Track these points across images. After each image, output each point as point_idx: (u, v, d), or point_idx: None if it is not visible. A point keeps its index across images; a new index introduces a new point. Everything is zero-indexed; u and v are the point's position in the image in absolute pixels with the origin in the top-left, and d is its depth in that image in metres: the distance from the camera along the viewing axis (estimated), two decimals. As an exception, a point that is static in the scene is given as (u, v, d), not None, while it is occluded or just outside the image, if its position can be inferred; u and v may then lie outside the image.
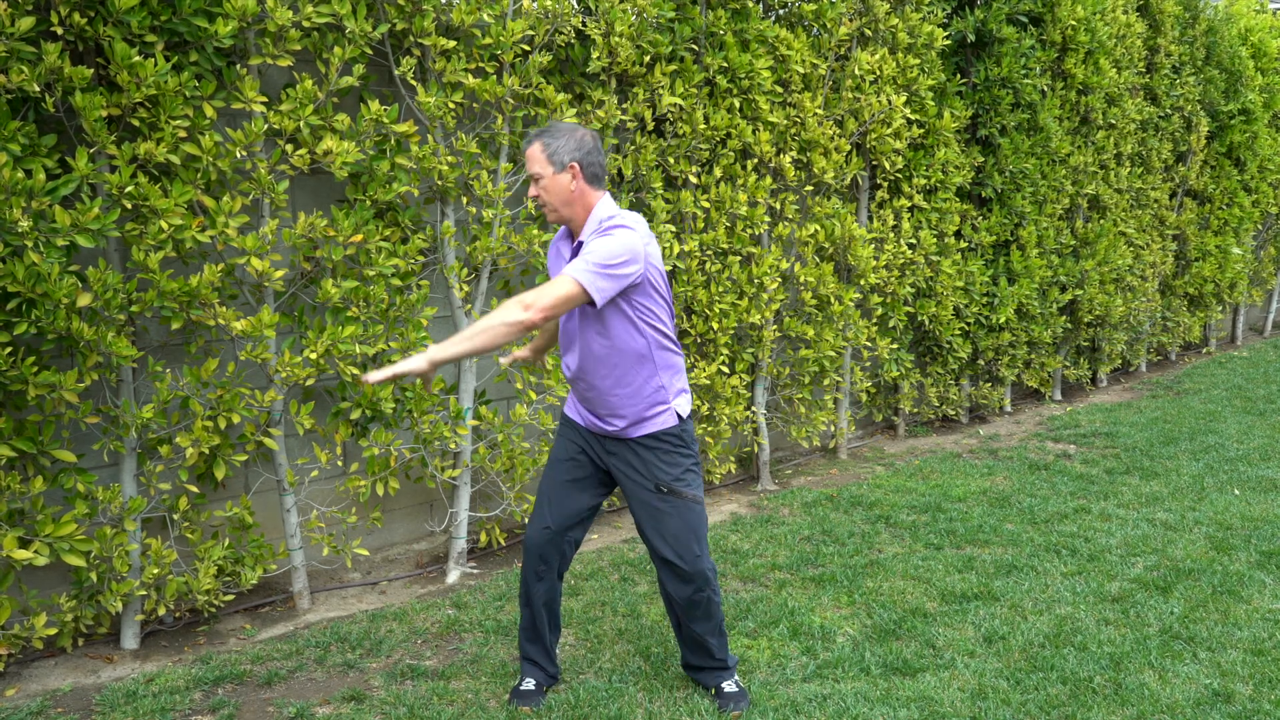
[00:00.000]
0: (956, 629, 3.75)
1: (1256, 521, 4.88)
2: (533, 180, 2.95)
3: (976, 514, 5.04)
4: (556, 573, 3.22)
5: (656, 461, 3.06)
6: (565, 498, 3.18)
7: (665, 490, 3.06)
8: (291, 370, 3.79)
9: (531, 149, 2.94)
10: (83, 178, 3.30)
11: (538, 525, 3.19)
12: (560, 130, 2.94)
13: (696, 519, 3.09)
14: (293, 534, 4.04)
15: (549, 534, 3.17)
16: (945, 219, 6.40)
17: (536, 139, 2.94)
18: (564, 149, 2.91)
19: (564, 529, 3.18)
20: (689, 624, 3.18)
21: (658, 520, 3.07)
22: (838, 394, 6.14)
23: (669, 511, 3.06)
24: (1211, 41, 8.65)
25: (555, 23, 4.29)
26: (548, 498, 3.20)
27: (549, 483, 3.22)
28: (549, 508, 3.19)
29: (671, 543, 3.07)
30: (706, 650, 3.23)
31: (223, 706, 3.25)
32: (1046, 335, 7.21)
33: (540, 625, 3.26)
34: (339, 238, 3.86)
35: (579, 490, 3.19)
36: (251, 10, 3.51)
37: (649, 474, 3.07)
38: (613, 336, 2.96)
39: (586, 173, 2.93)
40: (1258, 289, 10.64)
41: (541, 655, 3.28)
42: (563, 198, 2.93)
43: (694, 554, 3.07)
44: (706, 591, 3.12)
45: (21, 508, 3.37)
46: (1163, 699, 3.23)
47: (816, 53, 5.55)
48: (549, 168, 2.91)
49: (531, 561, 3.20)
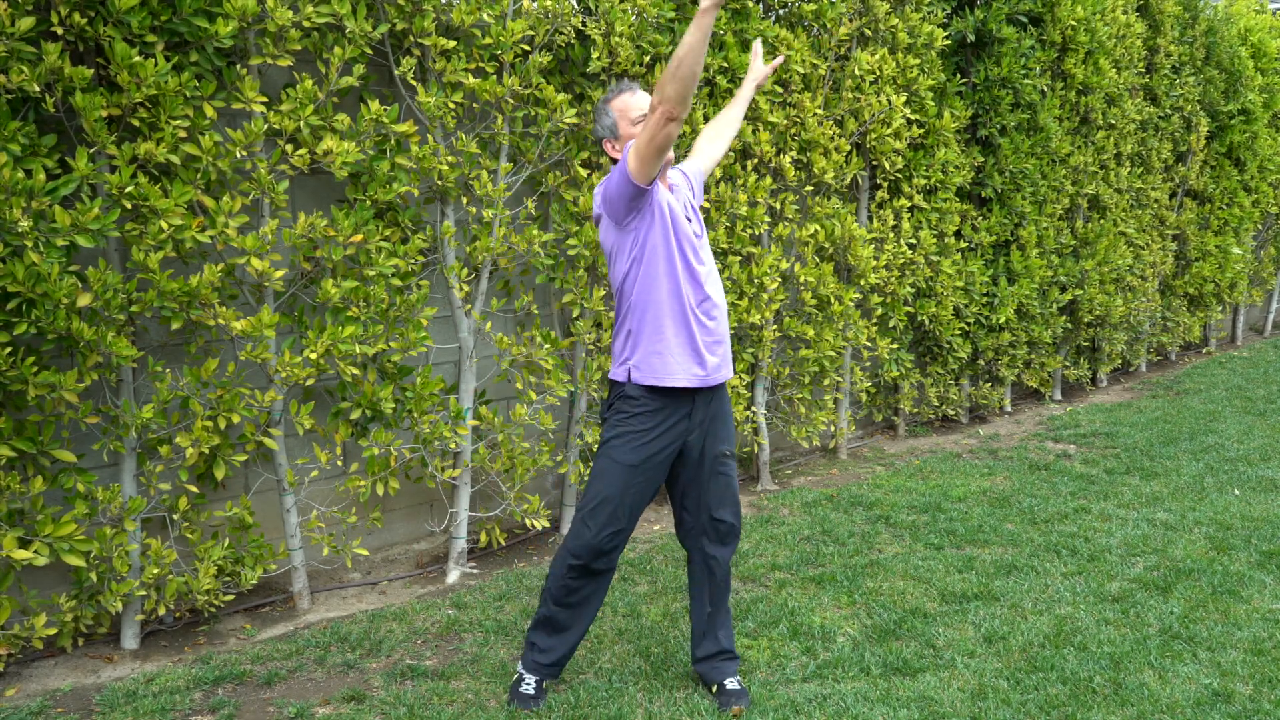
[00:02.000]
0: (956, 629, 3.75)
1: (1256, 521, 4.88)
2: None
3: (976, 514, 5.04)
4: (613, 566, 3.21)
5: (731, 417, 3.17)
6: (643, 498, 3.08)
7: (730, 455, 3.15)
8: (291, 370, 3.79)
9: (646, 94, 3.09)
10: (83, 178, 3.31)
11: (611, 528, 3.04)
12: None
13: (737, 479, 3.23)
14: (293, 534, 4.04)
15: (623, 536, 3.08)
16: (945, 219, 6.40)
17: (639, 88, 3.09)
18: None
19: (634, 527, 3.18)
20: (725, 595, 3.24)
21: (728, 486, 3.16)
22: (838, 394, 6.14)
23: (733, 475, 3.17)
24: (1211, 42, 8.65)
25: (555, 23, 4.29)
26: (629, 503, 3.05)
27: (635, 488, 3.04)
28: (631, 512, 3.06)
29: (733, 505, 3.17)
30: (729, 627, 3.29)
31: (223, 706, 3.25)
32: (1046, 335, 7.22)
33: (582, 624, 3.23)
34: (339, 238, 3.86)
35: (657, 484, 3.13)
36: (251, 10, 3.52)
37: (729, 432, 3.14)
38: (621, 261, 3.02)
39: None
40: (1258, 289, 10.64)
41: (565, 660, 3.25)
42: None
43: (739, 511, 3.22)
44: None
45: (21, 508, 3.37)
46: (1163, 699, 3.23)
47: (816, 53, 5.55)
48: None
49: (602, 569, 3.10)
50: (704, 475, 3.13)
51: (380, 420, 4.16)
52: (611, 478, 3.03)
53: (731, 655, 3.28)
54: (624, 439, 3.04)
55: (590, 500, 3.06)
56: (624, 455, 3.03)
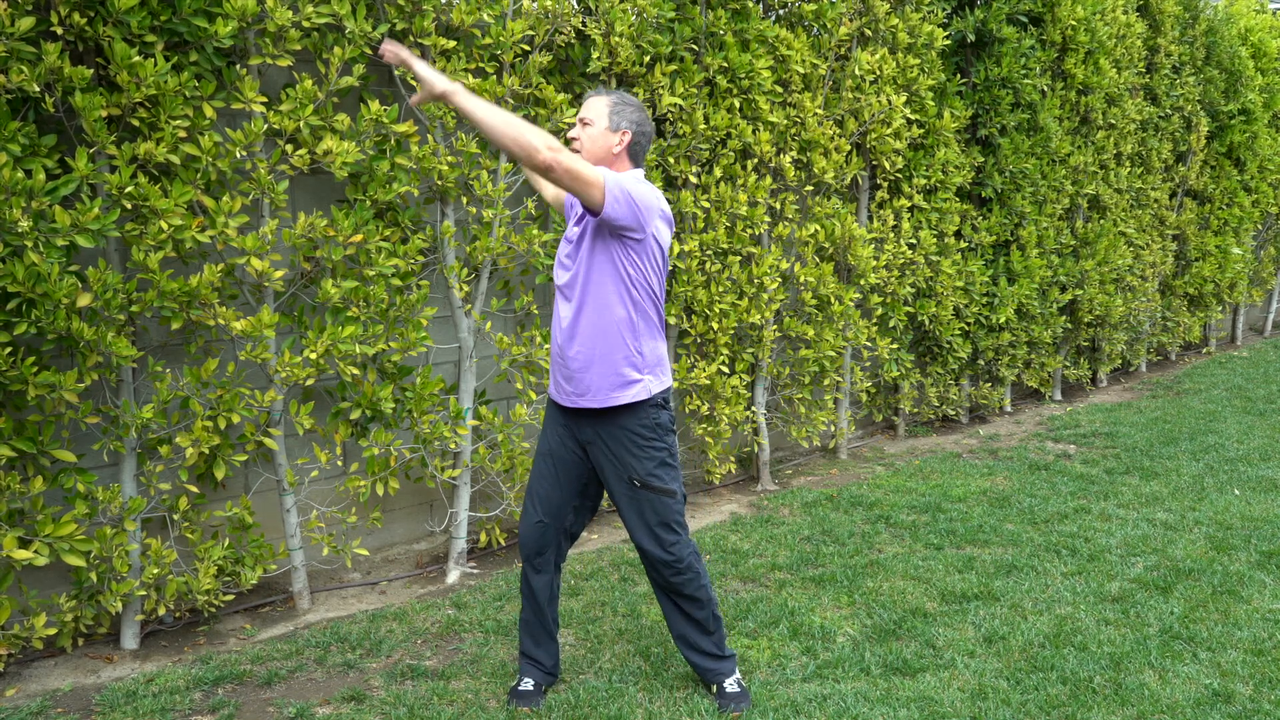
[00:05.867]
0: (956, 629, 3.75)
1: (1256, 521, 4.88)
2: (580, 123, 2.99)
3: (976, 514, 5.04)
4: (554, 565, 3.23)
5: (631, 450, 3.05)
6: (553, 489, 3.18)
7: (639, 484, 3.07)
8: (291, 370, 3.79)
9: (598, 99, 3.00)
10: (83, 178, 3.30)
11: (530, 520, 3.20)
12: (632, 101, 3.02)
13: (668, 509, 3.10)
14: (293, 534, 4.04)
15: (541, 527, 3.19)
16: (945, 219, 6.40)
17: (605, 94, 3.01)
18: (627, 115, 2.99)
19: (557, 521, 3.19)
20: (679, 601, 3.17)
21: (633, 507, 3.10)
22: (838, 394, 6.14)
23: (643, 500, 3.08)
24: (1211, 41, 8.65)
25: (555, 23, 4.29)
26: (536, 490, 3.21)
27: (536, 475, 3.22)
28: (539, 500, 3.19)
29: (643, 533, 3.10)
30: (699, 639, 3.20)
31: (223, 706, 3.25)
32: (1046, 335, 7.22)
33: (544, 621, 3.26)
34: (339, 238, 3.86)
35: (567, 480, 3.18)
36: (251, 10, 3.51)
37: (626, 466, 3.07)
38: (604, 294, 2.95)
39: (632, 145, 3.00)
40: (1258, 289, 10.64)
41: (543, 653, 3.28)
42: (600, 153, 2.98)
43: (669, 540, 3.10)
44: (688, 573, 3.13)
45: (21, 508, 3.37)
46: (1163, 699, 3.23)
47: (816, 53, 5.55)
48: (605, 121, 2.98)
49: (529, 556, 3.21)
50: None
51: (380, 420, 4.16)
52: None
53: (719, 656, 3.24)
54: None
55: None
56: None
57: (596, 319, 2.97)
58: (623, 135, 2.98)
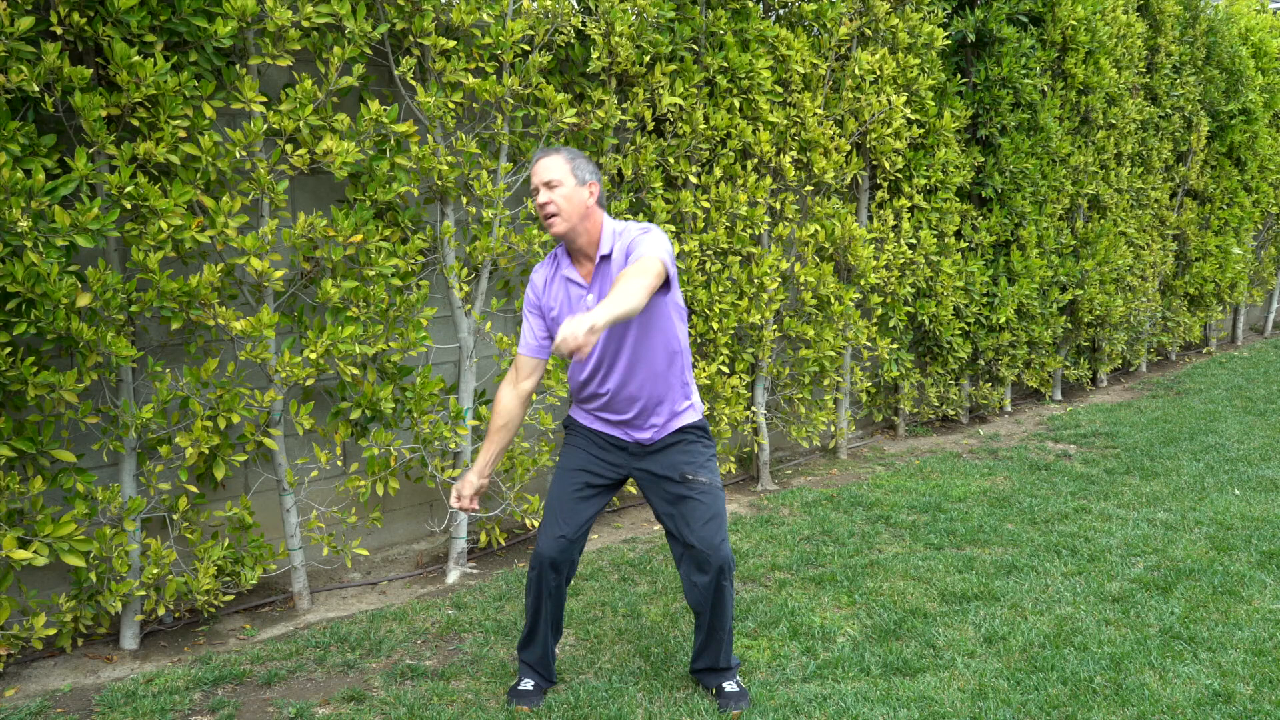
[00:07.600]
0: (956, 629, 3.75)
1: (1257, 521, 4.88)
2: (545, 187, 2.98)
3: (976, 514, 5.04)
4: (566, 580, 3.23)
5: (683, 453, 3.16)
6: (578, 506, 3.19)
7: (690, 478, 3.13)
8: (291, 370, 3.79)
9: (553, 159, 3.00)
10: (82, 178, 3.30)
11: (552, 535, 3.17)
12: (579, 153, 3.08)
13: (719, 504, 3.15)
14: (292, 534, 4.04)
15: (564, 543, 3.16)
16: (945, 219, 6.40)
17: (557, 152, 3.03)
18: (585, 168, 3.05)
19: (577, 538, 3.19)
20: (713, 618, 3.19)
21: (683, 507, 3.12)
22: (838, 394, 6.14)
23: (694, 497, 3.12)
24: (1212, 41, 8.65)
25: (555, 23, 4.29)
26: (561, 507, 3.19)
27: (562, 492, 3.21)
28: (563, 517, 3.18)
29: (697, 528, 3.11)
30: (723, 650, 3.23)
31: (222, 706, 3.25)
32: (1046, 335, 7.21)
33: (546, 636, 3.25)
34: (339, 238, 3.85)
35: (593, 498, 3.22)
36: (251, 10, 3.51)
37: (675, 467, 3.14)
38: (664, 334, 3.06)
39: (601, 193, 3.09)
40: (1258, 289, 10.64)
41: (541, 664, 3.28)
42: (579, 210, 3.01)
43: (719, 539, 3.12)
44: (726, 581, 3.14)
45: (21, 508, 3.37)
46: (1163, 699, 3.23)
47: (816, 53, 5.55)
48: (571, 179, 2.99)
49: (546, 572, 3.17)
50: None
51: (380, 420, 4.15)
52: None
53: (717, 669, 3.26)
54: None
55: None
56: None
57: (649, 369, 3.09)
58: (590, 187, 3.03)
